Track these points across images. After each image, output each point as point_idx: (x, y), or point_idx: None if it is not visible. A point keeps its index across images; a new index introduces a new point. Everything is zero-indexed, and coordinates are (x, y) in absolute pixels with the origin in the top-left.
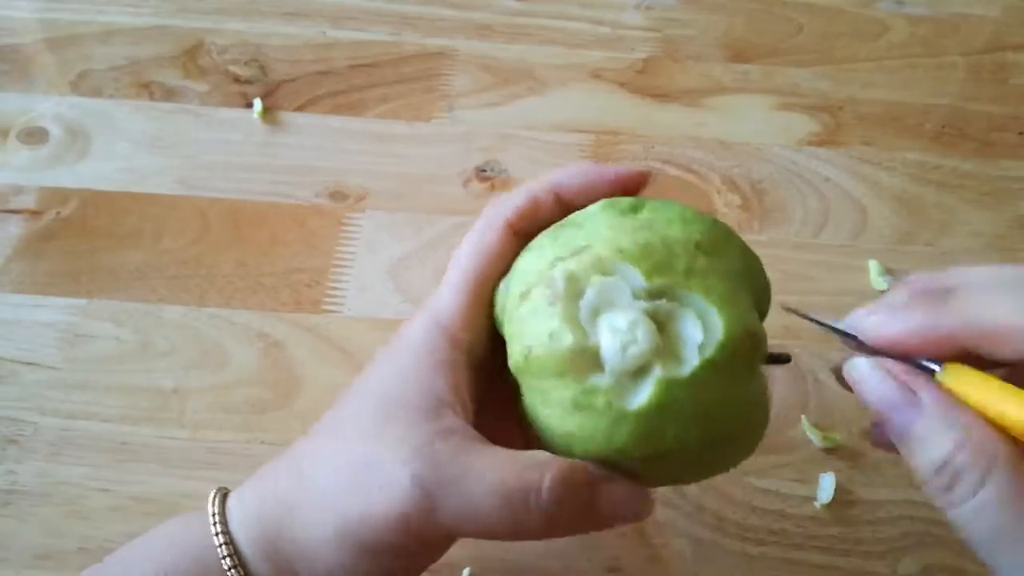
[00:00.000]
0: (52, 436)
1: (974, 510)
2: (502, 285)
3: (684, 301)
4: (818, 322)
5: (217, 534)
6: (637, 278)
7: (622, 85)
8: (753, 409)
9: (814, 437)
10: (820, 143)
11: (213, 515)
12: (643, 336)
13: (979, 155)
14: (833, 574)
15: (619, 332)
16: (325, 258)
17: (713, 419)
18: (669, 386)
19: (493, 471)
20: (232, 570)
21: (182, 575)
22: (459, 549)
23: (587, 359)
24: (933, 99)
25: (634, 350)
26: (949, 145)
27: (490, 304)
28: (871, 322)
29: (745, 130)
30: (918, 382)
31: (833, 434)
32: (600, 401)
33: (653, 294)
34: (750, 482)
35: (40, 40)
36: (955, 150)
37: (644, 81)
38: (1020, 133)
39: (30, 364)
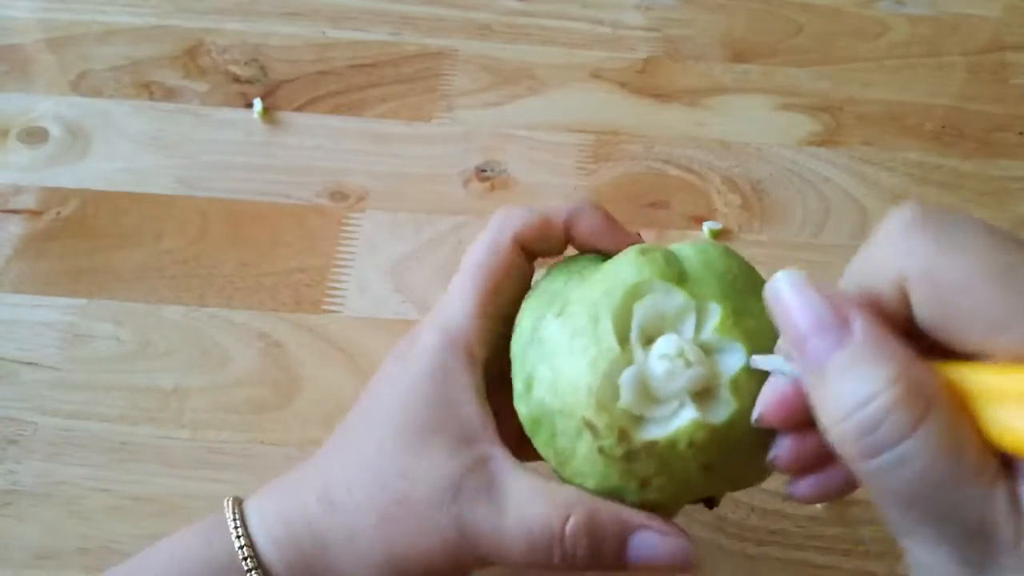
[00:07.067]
0: (52, 436)
1: (899, 459)
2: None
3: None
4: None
5: (241, 547)
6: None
7: (622, 85)
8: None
9: None
10: (820, 143)
11: (235, 529)
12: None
13: (979, 155)
14: (833, 574)
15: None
16: (325, 258)
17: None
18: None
19: (520, 513)
20: None
21: None
22: None
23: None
24: (933, 99)
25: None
26: (949, 145)
27: (501, 319)
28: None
29: (745, 130)
30: (848, 308)
31: None
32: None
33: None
34: None
35: (40, 40)
36: (955, 150)
37: (644, 81)
38: (1020, 133)
39: (30, 364)
